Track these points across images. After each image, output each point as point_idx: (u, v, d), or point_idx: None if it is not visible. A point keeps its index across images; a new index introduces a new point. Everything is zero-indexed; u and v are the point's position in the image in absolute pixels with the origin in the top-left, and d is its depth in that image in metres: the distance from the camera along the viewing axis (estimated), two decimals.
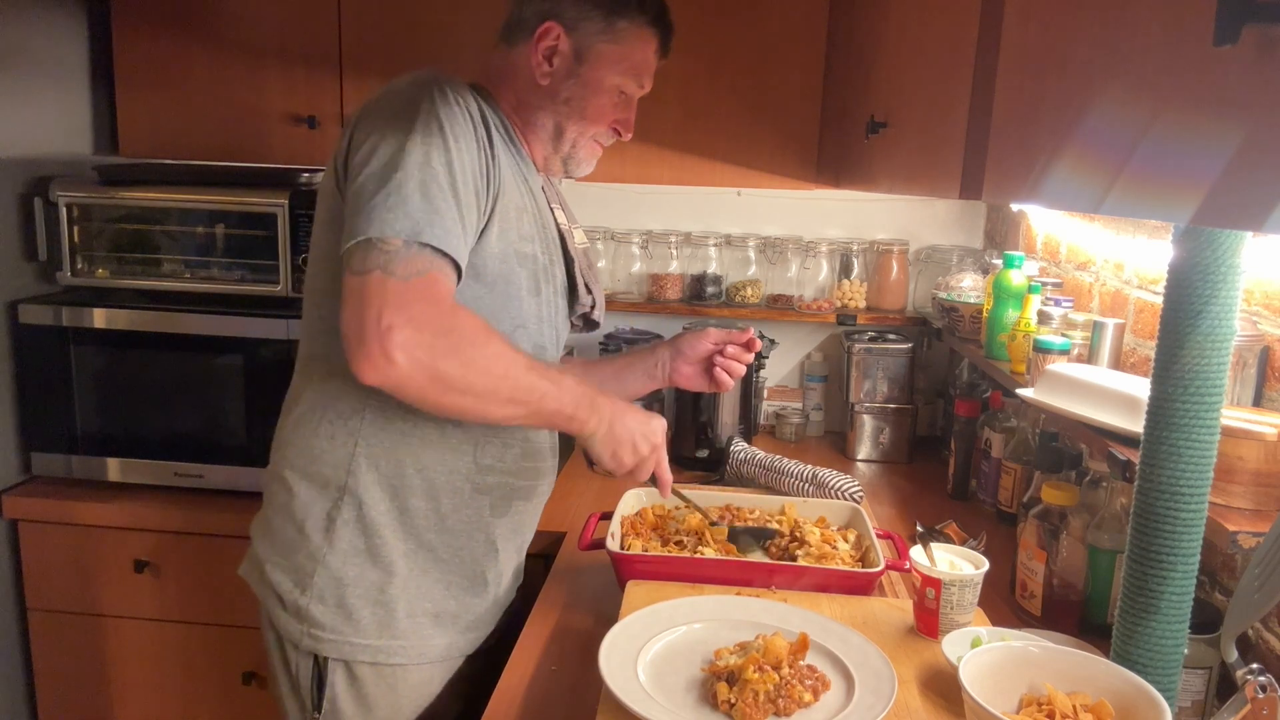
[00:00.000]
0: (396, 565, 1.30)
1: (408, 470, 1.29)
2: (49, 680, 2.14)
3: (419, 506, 1.30)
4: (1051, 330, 1.60)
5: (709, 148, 2.20)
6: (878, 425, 2.34)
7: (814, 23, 2.14)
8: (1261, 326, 1.25)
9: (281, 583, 1.31)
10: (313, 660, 1.31)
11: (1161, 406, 1.02)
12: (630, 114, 1.41)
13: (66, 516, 2.05)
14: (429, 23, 2.18)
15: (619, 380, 1.59)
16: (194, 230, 2.06)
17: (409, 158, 1.13)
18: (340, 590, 1.28)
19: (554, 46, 1.32)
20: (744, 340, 1.54)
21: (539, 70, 1.33)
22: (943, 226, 2.54)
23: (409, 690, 1.34)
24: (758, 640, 1.17)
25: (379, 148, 1.15)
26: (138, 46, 2.25)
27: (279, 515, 1.33)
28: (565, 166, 1.41)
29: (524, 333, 1.33)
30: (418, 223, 1.11)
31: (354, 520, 1.29)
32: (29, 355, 2.06)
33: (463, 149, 1.18)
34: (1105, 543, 1.39)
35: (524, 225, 1.31)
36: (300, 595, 1.29)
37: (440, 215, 1.12)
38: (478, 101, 1.25)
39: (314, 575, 1.29)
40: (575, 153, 1.39)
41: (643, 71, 1.38)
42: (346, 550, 1.29)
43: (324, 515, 1.29)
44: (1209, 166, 0.62)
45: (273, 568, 1.32)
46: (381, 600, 1.29)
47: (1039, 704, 1.02)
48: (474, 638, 1.40)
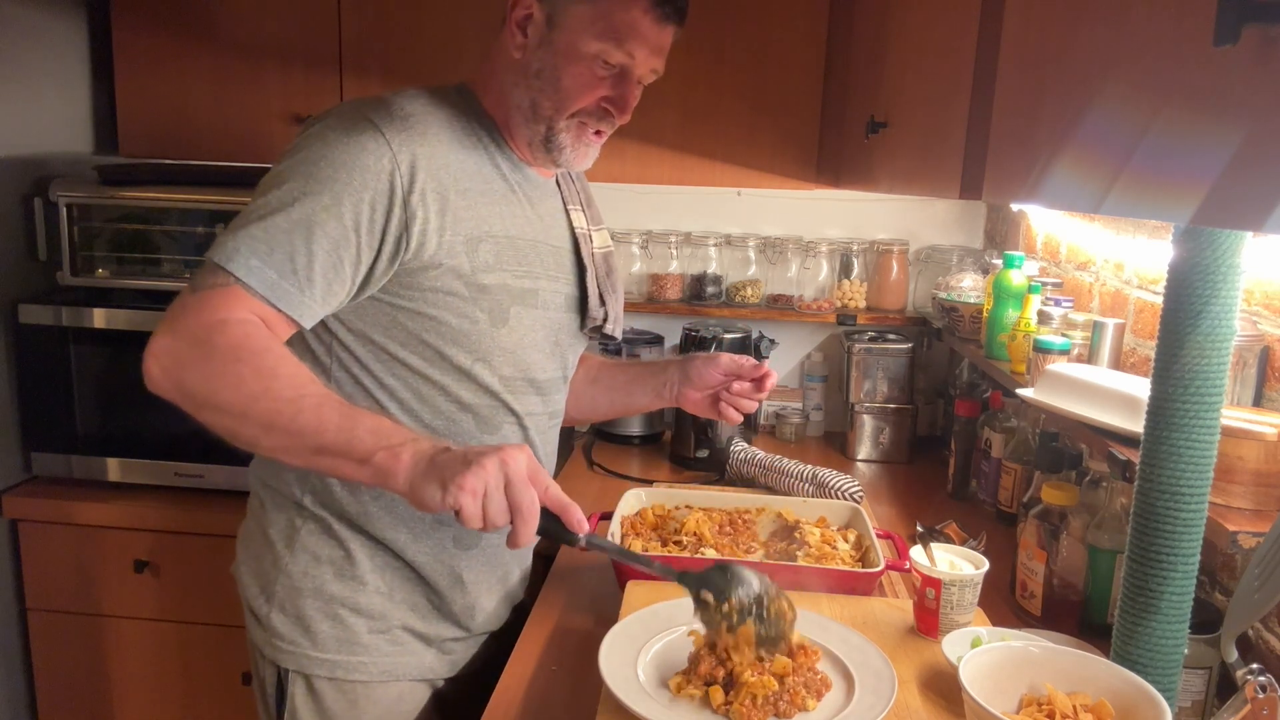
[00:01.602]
0: (359, 581, 1.26)
1: (363, 495, 1.24)
2: (49, 680, 2.14)
3: (379, 532, 1.25)
4: (1051, 330, 1.60)
5: (709, 148, 2.20)
6: (878, 425, 2.34)
7: (814, 23, 2.14)
8: (1261, 326, 1.25)
9: (250, 588, 1.29)
10: (276, 670, 1.27)
11: (1161, 406, 1.02)
12: (625, 90, 1.23)
13: (66, 516, 2.05)
14: (429, 23, 2.18)
15: (628, 393, 1.54)
16: (194, 230, 2.06)
17: (276, 189, 1.10)
18: (299, 601, 1.25)
19: (528, 15, 1.21)
20: (756, 375, 1.44)
21: (513, 43, 1.22)
22: (943, 226, 2.54)
23: (373, 708, 1.28)
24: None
25: (272, 172, 1.13)
26: (138, 46, 2.25)
27: (252, 520, 1.32)
28: (550, 153, 1.25)
29: (484, 366, 1.24)
30: (236, 248, 1.06)
31: (317, 532, 1.25)
32: (29, 355, 2.06)
33: (346, 189, 1.10)
34: (1105, 543, 1.39)
35: (480, 255, 1.20)
36: (264, 603, 1.26)
37: (263, 249, 1.06)
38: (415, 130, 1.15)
39: (276, 584, 1.26)
40: (556, 136, 1.23)
41: (627, 36, 1.19)
42: (307, 561, 1.25)
43: (287, 524, 1.26)
44: (1209, 166, 0.62)
45: (245, 572, 1.31)
46: (340, 615, 1.25)
47: (1039, 704, 1.02)
48: (453, 660, 1.35)
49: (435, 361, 1.22)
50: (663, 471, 2.24)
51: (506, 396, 1.28)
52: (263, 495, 1.29)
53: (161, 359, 1.03)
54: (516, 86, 1.23)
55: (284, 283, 1.07)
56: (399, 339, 1.21)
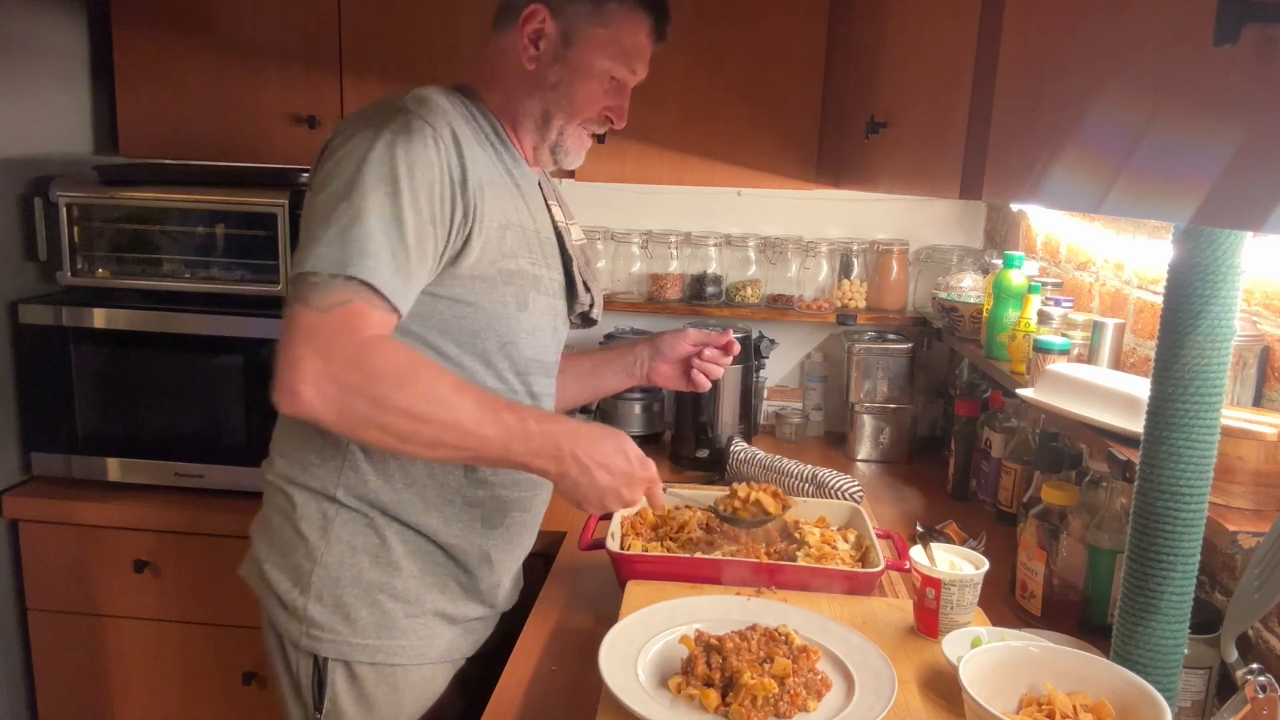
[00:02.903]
0: (394, 566, 1.30)
1: (397, 484, 1.29)
2: (49, 680, 2.14)
3: (412, 517, 1.30)
4: (1051, 330, 1.60)
5: (709, 148, 2.20)
6: (878, 425, 2.34)
7: (814, 23, 2.14)
8: (1261, 326, 1.25)
9: (280, 582, 1.30)
10: (313, 660, 1.31)
11: (1161, 406, 1.02)
12: (623, 101, 1.36)
13: (66, 516, 2.05)
14: (429, 23, 2.18)
15: (596, 376, 1.60)
16: (194, 230, 2.06)
17: (354, 193, 1.11)
18: (338, 590, 1.28)
19: (540, 30, 1.29)
20: (722, 343, 1.54)
21: (525, 55, 1.29)
22: (943, 226, 2.54)
23: (411, 690, 1.33)
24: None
25: (332, 179, 1.14)
26: (138, 46, 2.25)
27: (276, 515, 1.33)
28: (554, 156, 1.36)
29: (513, 348, 1.31)
30: (347, 256, 1.09)
31: (351, 521, 1.28)
32: (29, 355, 2.06)
33: (418, 183, 1.14)
34: (1105, 543, 1.39)
35: (507, 242, 1.27)
36: (299, 595, 1.29)
37: (372, 249, 1.10)
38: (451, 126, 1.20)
39: (311, 575, 1.28)
40: (563, 141, 1.34)
41: (634, 57, 1.33)
42: (344, 550, 1.28)
43: (320, 516, 1.29)
44: (1209, 166, 0.62)
45: (271, 567, 1.32)
46: (379, 600, 1.29)
47: (1039, 704, 1.02)
48: (474, 640, 1.40)
49: (468, 347, 1.27)
50: (663, 471, 2.23)
51: (528, 379, 1.35)
52: (289, 491, 1.30)
53: (318, 384, 1.06)
54: (530, 96, 1.31)
55: (395, 281, 1.12)
56: (437, 326, 1.25)
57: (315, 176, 1.20)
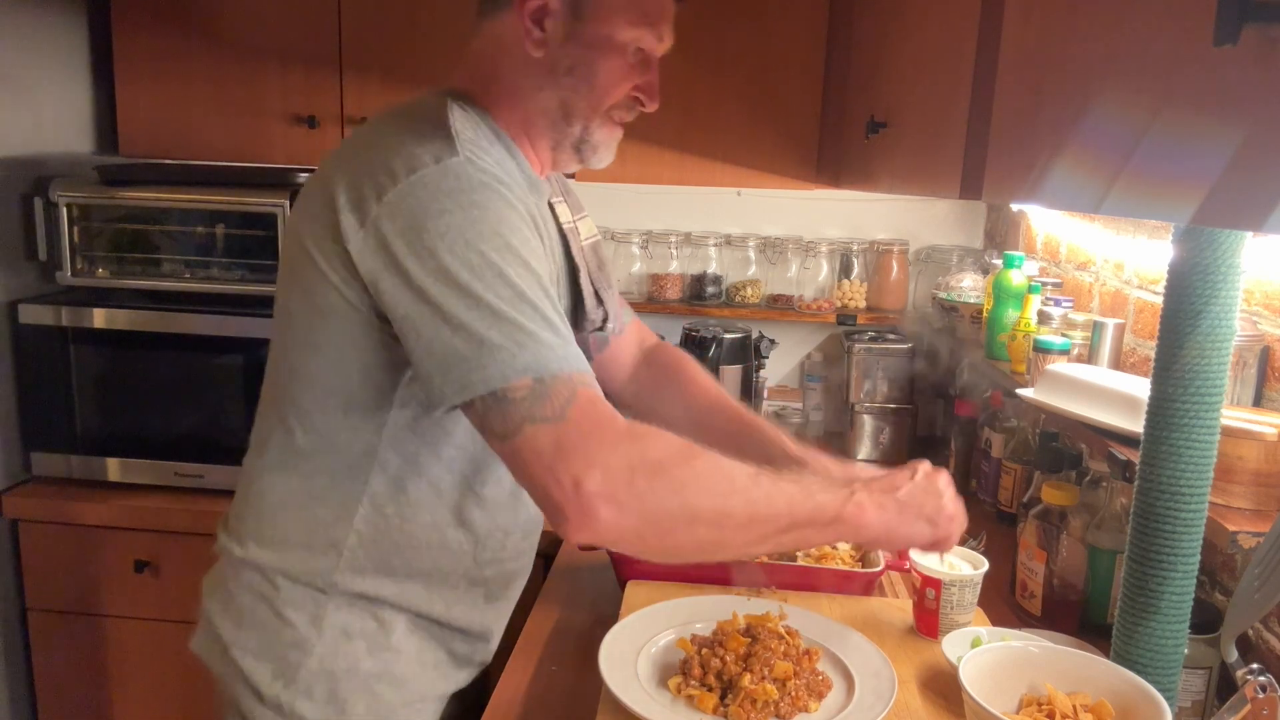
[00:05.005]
0: (394, 651, 1.16)
1: (400, 576, 1.14)
2: (49, 680, 2.14)
3: (415, 604, 1.17)
4: (1051, 330, 1.60)
5: (709, 148, 2.20)
6: (878, 425, 2.34)
7: (814, 23, 2.14)
8: (1261, 326, 1.25)
9: (257, 671, 1.13)
10: None
11: (1161, 406, 1.02)
12: (653, 76, 1.12)
13: (66, 516, 2.05)
14: (429, 23, 2.18)
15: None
16: (194, 230, 2.06)
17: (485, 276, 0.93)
18: (332, 684, 1.13)
19: (543, 6, 1.05)
20: None
21: (529, 39, 1.06)
22: (943, 226, 2.54)
23: None
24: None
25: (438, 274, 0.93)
26: (138, 46, 2.25)
27: (247, 595, 1.14)
28: (580, 155, 1.15)
29: None
30: (535, 353, 0.92)
31: (345, 608, 1.13)
32: (29, 355, 2.06)
33: (527, 236, 0.99)
34: (1105, 543, 1.39)
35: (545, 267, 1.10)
36: (283, 689, 1.12)
37: (546, 331, 0.94)
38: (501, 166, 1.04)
39: (300, 667, 1.12)
40: (590, 136, 1.12)
41: (658, 18, 1.09)
42: (338, 639, 1.12)
43: (311, 604, 1.12)
44: (1209, 166, 0.62)
45: (244, 654, 1.14)
46: (378, 691, 1.15)
47: (1039, 704, 1.02)
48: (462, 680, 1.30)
49: None
50: None
51: None
52: (270, 576, 1.14)
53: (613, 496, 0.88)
54: (541, 89, 1.09)
55: (574, 349, 0.97)
56: None
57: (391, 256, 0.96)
